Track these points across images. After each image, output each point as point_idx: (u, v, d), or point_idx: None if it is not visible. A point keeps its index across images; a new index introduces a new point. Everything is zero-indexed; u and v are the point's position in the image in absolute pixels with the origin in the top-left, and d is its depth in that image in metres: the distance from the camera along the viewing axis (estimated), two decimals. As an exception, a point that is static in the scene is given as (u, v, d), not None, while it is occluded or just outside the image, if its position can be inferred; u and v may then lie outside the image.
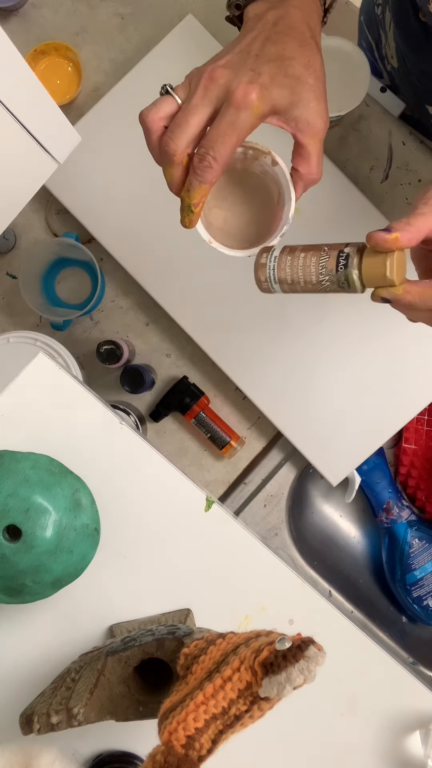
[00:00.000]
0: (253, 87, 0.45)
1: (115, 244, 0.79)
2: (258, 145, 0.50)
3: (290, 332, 0.78)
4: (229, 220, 0.55)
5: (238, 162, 0.52)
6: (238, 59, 0.47)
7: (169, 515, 0.60)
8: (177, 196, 0.50)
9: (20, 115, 0.46)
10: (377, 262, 0.45)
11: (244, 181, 0.54)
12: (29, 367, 0.59)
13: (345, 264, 0.46)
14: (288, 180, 0.50)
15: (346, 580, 0.89)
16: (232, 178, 0.54)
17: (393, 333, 0.78)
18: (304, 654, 0.38)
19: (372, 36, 0.82)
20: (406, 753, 0.61)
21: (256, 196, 0.54)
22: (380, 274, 0.45)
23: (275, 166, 0.50)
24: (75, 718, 0.48)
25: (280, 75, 0.46)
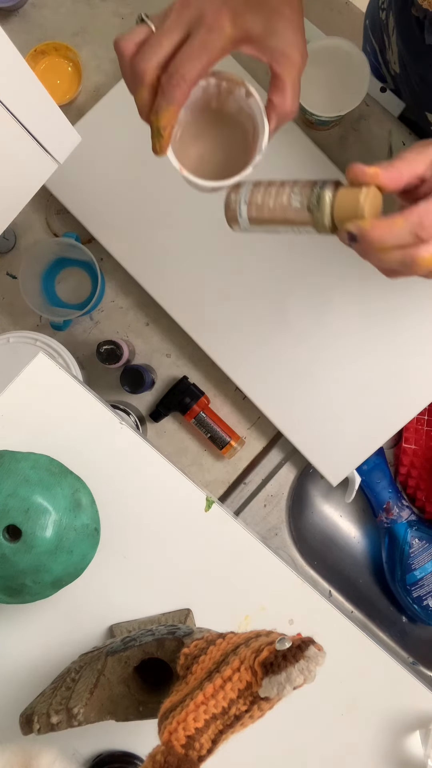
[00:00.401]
0: (225, 10, 0.45)
1: (115, 244, 0.79)
2: (232, 75, 0.50)
3: (290, 332, 0.78)
4: (205, 157, 0.54)
5: (212, 99, 0.52)
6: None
7: (169, 515, 0.60)
8: (146, 121, 0.50)
9: (20, 115, 0.46)
10: (352, 192, 0.44)
11: (219, 120, 0.54)
12: (29, 367, 0.59)
13: (321, 187, 0.46)
14: (262, 111, 0.49)
15: (346, 580, 0.89)
16: (207, 117, 0.54)
17: (393, 333, 0.78)
18: (304, 654, 0.38)
19: (376, 41, 0.82)
20: (406, 753, 0.61)
21: (231, 134, 0.54)
22: (353, 203, 0.44)
23: (249, 98, 0.50)
24: (75, 718, 0.48)
25: (254, 3, 0.46)
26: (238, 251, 0.79)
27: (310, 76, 0.70)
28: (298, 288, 0.78)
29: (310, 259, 0.77)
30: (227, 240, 0.78)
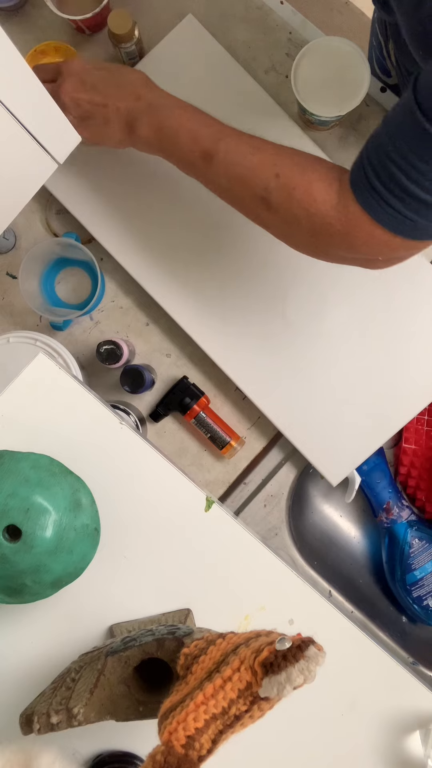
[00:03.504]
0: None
1: (115, 244, 0.79)
2: None
3: (290, 332, 0.78)
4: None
5: None
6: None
7: (169, 515, 0.60)
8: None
9: (20, 115, 0.46)
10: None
11: None
12: (29, 367, 0.59)
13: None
14: None
15: (346, 580, 0.89)
16: None
17: (393, 333, 0.78)
18: (304, 654, 0.38)
19: (381, 34, 0.82)
20: (406, 753, 0.61)
21: None
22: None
23: None
24: (75, 718, 0.48)
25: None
26: (238, 251, 0.79)
27: (310, 76, 0.70)
28: (298, 288, 0.78)
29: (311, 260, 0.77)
30: (227, 240, 0.79)
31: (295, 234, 0.59)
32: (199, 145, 0.61)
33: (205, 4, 0.81)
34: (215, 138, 0.60)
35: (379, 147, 0.50)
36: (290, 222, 0.58)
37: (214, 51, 0.79)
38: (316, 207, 0.55)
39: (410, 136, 0.46)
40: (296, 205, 0.56)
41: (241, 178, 0.59)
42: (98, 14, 0.74)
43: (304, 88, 0.70)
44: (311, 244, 0.59)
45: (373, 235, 0.53)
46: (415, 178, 0.47)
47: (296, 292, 0.78)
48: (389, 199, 0.49)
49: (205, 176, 0.63)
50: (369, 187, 0.51)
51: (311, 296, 0.78)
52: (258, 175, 0.58)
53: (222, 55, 0.78)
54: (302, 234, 0.58)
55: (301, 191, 0.55)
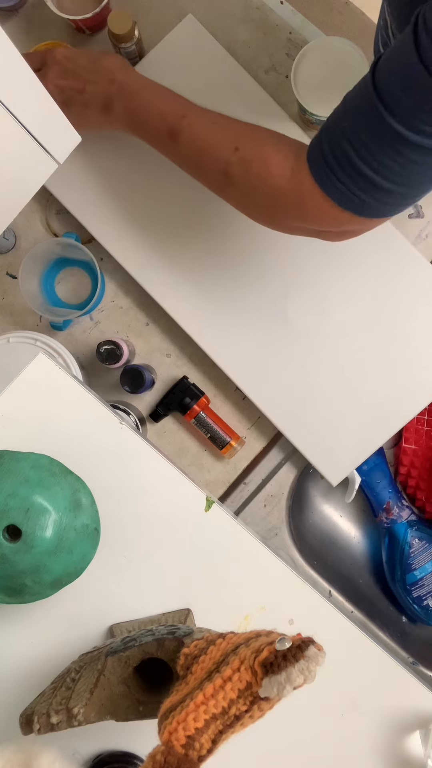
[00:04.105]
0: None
1: (115, 244, 0.79)
2: None
3: (290, 332, 0.78)
4: None
5: None
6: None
7: (169, 515, 0.60)
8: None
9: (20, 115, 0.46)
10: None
11: None
12: (29, 367, 0.59)
13: None
14: None
15: (346, 580, 0.89)
16: None
17: (393, 333, 0.78)
18: (304, 654, 0.38)
19: (388, 13, 0.82)
20: (406, 753, 0.61)
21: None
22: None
23: None
24: (75, 718, 0.48)
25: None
26: (238, 251, 0.79)
27: (310, 76, 0.70)
28: (298, 288, 0.78)
29: (311, 260, 0.78)
30: (227, 240, 0.79)
31: (252, 205, 0.62)
32: (165, 123, 0.64)
33: (205, 4, 0.81)
34: (180, 114, 0.64)
35: (336, 123, 0.52)
36: (248, 194, 0.61)
37: (214, 51, 0.79)
38: (272, 179, 0.57)
39: (364, 115, 0.48)
40: (253, 177, 0.59)
41: (204, 153, 0.62)
42: (98, 14, 0.74)
43: (304, 88, 0.70)
44: (267, 214, 0.62)
45: (323, 208, 0.54)
46: (366, 157, 0.48)
47: (297, 293, 0.78)
48: (340, 175, 0.51)
49: (173, 153, 0.66)
50: (323, 161, 0.52)
51: (312, 296, 0.78)
52: (219, 149, 0.61)
53: (222, 55, 0.78)
54: (259, 205, 0.61)
55: (257, 164, 0.58)
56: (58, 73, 0.67)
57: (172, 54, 0.79)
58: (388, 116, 0.45)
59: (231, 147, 0.60)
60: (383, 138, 0.47)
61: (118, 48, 0.76)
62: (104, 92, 0.67)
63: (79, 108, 0.68)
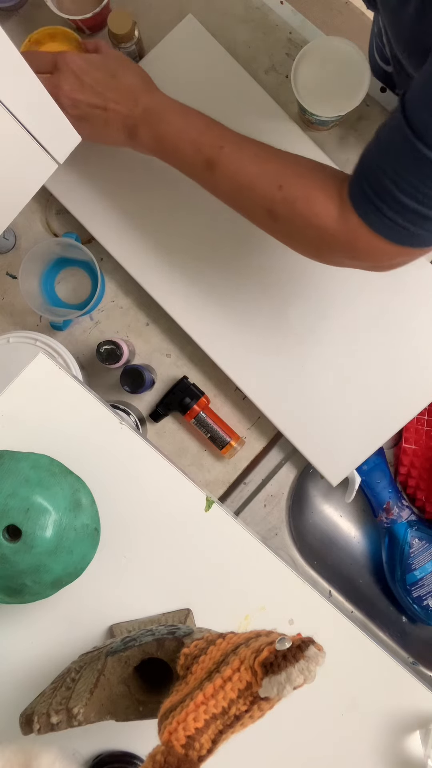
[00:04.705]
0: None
1: (115, 244, 0.79)
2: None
3: (290, 332, 0.78)
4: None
5: None
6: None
7: (169, 515, 0.60)
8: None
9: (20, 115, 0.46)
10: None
11: None
12: (29, 367, 0.59)
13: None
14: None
15: (346, 580, 0.89)
16: None
17: (393, 333, 0.78)
18: (304, 654, 0.38)
19: (383, 21, 0.82)
20: (406, 753, 0.61)
21: None
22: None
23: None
24: (75, 718, 0.48)
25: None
26: (238, 251, 0.79)
27: (310, 76, 0.70)
28: (299, 288, 0.78)
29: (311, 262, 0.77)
30: (228, 240, 0.79)
31: (299, 242, 0.61)
32: (201, 154, 0.61)
33: (205, 4, 0.81)
34: (216, 145, 0.60)
35: (372, 161, 0.51)
36: (294, 232, 0.59)
37: (214, 51, 0.79)
38: (318, 220, 0.56)
39: (399, 149, 0.47)
40: (299, 217, 0.57)
41: (245, 188, 0.59)
42: (98, 14, 0.74)
43: (304, 88, 0.70)
44: (314, 251, 0.61)
45: (373, 245, 0.54)
46: (408, 191, 0.48)
47: (297, 292, 0.78)
48: (386, 212, 0.51)
49: (209, 184, 0.63)
50: (366, 200, 0.52)
51: (312, 296, 0.78)
52: (261, 185, 0.58)
53: (222, 55, 0.78)
54: (306, 242, 0.60)
55: (303, 204, 0.56)
56: (74, 85, 0.62)
57: (172, 54, 0.79)
58: (423, 147, 0.45)
59: (275, 184, 0.57)
60: (422, 169, 0.47)
61: (119, 48, 0.76)
62: (127, 115, 0.62)
63: (97, 125, 0.63)
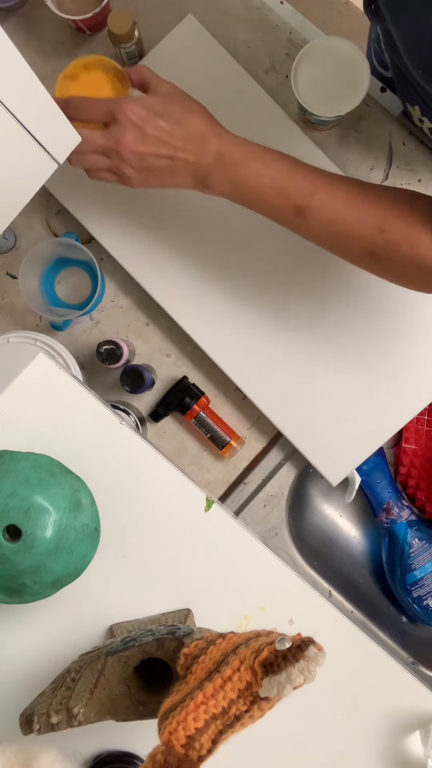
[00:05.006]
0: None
1: (115, 244, 0.79)
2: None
3: (290, 332, 0.78)
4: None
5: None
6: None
7: (169, 515, 0.60)
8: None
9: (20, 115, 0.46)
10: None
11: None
12: (29, 367, 0.59)
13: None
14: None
15: (346, 580, 0.89)
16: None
17: (393, 333, 0.78)
18: (304, 654, 0.38)
19: (380, 27, 0.82)
20: (406, 753, 0.61)
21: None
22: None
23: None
24: (75, 718, 0.48)
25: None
26: (238, 251, 0.79)
27: (310, 76, 0.70)
28: (299, 288, 0.78)
29: (311, 260, 0.77)
30: (228, 240, 0.79)
31: (400, 279, 0.60)
32: (288, 201, 0.58)
33: (205, 4, 0.81)
34: (306, 192, 0.57)
35: None
36: (396, 270, 0.59)
37: (214, 51, 0.79)
38: (421, 259, 0.56)
39: None
40: (402, 258, 0.57)
41: (343, 235, 0.58)
42: (98, 14, 0.74)
43: (304, 88, 0.70)
44: (416, 285, 0.60)
45: None
46: None
47: (297, 292, 0.78)
48: None
49: (299, 229, 0.60)
50: None
51: (312, 296, 0.78)
52: (360, 231, 0.57)
53: (222, 55, 0.78)
54: (408, 279, 0.60)
55: (407, 247, 0.56)
56: (136, 137, 0.57)
57: (172, 54, 0.79)
58: None
59: (374, 227, 0.56)
60: None
61: (119, 48, 0.76)
62: (197, 162, 0.58)
63: (162, 177, 0.59)
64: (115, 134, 0.57)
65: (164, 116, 0.58)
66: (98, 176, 0.61)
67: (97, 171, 0.61)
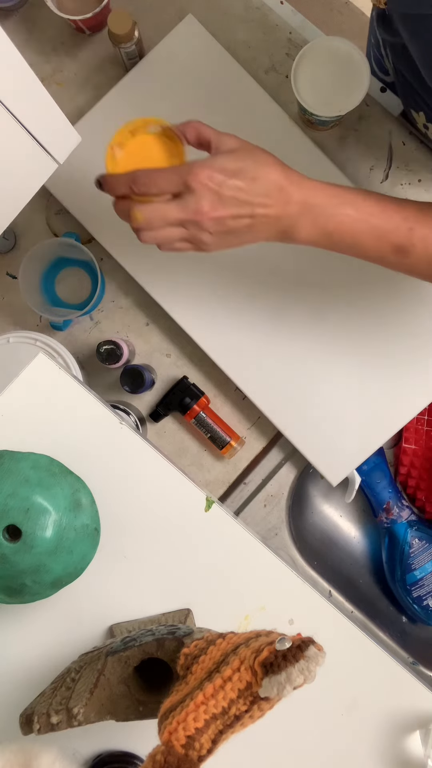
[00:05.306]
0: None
1: (115, 244, 0.79)
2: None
3: (290, 332, 0.78)
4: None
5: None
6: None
7: (169, 515, 0.60)
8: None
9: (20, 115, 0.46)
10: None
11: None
12: (29, 367, 0.59)
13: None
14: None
15: (346, 580, 0.89)
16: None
17: (393, 333, 0.78)
18: (304, 654, 0.38)
19: (379, 32, 0.83)
20: (406, 753, 0.61)
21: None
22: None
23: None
24: (75, 718, 0.48)
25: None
26: (238, 252, 0.78)
27: (310, 76, 0.70)
28: (299, 288, 0.78)
29: (311, 261, 0.77)
30: (227, 240, 0.78)
31: None
32: (386, 241, 0.56)
33: (205, 4, 0.81)
34: (403, 228, 0.55)
35: None
36: None
37: (214, 51, 0.79)
38: None
39: None
40: None
41: None
42: (98, 14, 0.74)
43: (304, 88, 0.70)
44: None
45: None
46: None
47: (296, 292, 0.78)
48: None
49: (400, 266, 0.58)
50: None
51: (312, 296, 0.78)
52: None
53: (222, 55, 0.78)
54: None
55: None
56: (214, 202, 0.53)
57: (172, 54, 0.79)
58: None
59: None
60: None
61: (119, 48, 0.76)
62: (279, 216, 0.54)
63: (242, 236, 0.56)
64: (192, 204, 0.53)
65: (238, 174, 0.53)
66: (172, 248, 0.57)
67: (171, 244, 0.56)
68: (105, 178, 0.56)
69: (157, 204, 0.53)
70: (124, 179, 0.53)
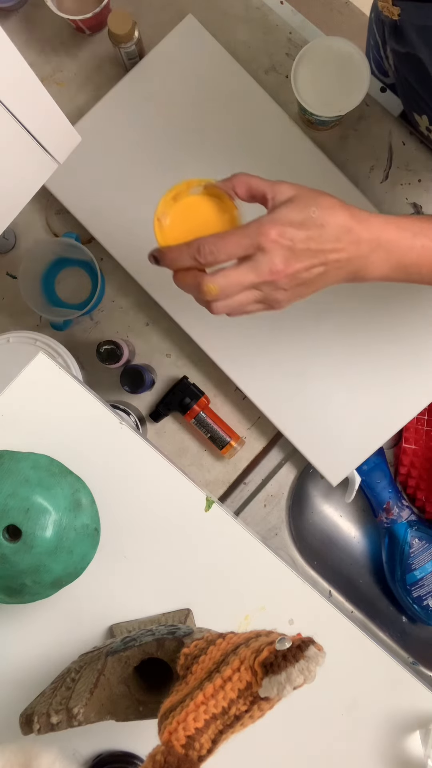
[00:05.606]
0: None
1: (115, 244, 0.79)
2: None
3: (290, 332, 0.78)
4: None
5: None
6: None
7: (169, 515, 0.60)
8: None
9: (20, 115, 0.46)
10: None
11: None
12: (29, 367, 0.59)
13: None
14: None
15: (346, 580, 0.89)
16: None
17: (393, 333, 0.78)
18: (304, 654, 0.38)
19: (378, 34, 0.83)
20: (406, 753, 0.61)
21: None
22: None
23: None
24: (75, 718, 0.48)
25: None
26: (238, 251, 0.78)
27: (310, 76, 0.70)
28: (298, 288, 0.78)
29: (310, 259, 0.77)
30: (227, 240, 0.78)
31: None
32: None
33: (205, 4, 0.81)
34: None
35: None
36: None
37: (214, 51, 0.79)
38: None
39: None
40: None
41: None
42: (98, 14, 0.74)
43: (304, 88, 0.70)
44: None
45: None
46: None
47: (296, 292, 0.78)
48: None
49: None
50: None
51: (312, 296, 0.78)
52: None
53: (222, 55, 0.78)
54: None
55: None
56: (288, 259, 0.51)
57: (172, 54, 0.79)
58: None
59: None
60: None
61: (119, 48, 0.76)
62: (351, 258, 0.53)
63: (315, 284, 0.54)
64: (266, 265, 0.50)
65: (306, 224, 0.51)
66: (244, 312, 0.54)
67: (244, 308, 0.53)
68: (161, 252, 0.52)
69: (228, 271, 0.50)
70: (186, 251, 0.50)
